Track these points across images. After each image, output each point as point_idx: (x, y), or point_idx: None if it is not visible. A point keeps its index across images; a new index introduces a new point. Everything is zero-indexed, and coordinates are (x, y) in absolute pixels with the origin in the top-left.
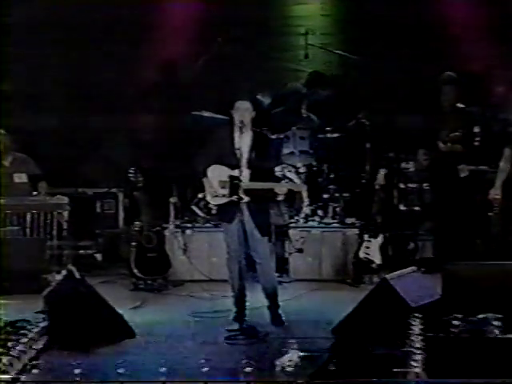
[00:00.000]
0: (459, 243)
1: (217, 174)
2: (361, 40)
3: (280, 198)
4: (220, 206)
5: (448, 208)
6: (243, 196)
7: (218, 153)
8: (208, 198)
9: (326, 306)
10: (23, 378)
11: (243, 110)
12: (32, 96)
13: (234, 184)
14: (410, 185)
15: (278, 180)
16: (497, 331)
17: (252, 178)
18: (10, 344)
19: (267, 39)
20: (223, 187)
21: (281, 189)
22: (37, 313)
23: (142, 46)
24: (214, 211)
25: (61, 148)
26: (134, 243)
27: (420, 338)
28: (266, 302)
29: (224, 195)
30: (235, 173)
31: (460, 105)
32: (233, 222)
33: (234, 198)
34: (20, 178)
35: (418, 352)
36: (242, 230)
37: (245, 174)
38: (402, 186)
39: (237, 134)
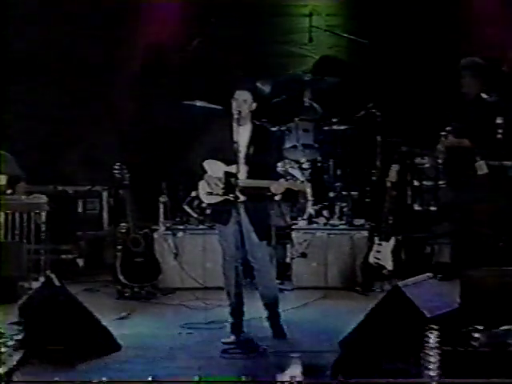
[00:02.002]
0: (479, 247)
1: (211, 170)
2: (371, 21)
3: (277, 197)
4: (214, 206)
5: (466, 208)
6: (240, 195)
7: (212, 147)
8: (201, 196)
9: (331, 316)
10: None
11: (241, 101)
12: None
13: (229, 181)
14: (426, 182)
15: (279, 177)
16: None
17: (250, 175)
18: None
19: (267, 21)
20: (218, 185)
21: (277, 188)
22: (11, 324)
23: (128, 27)
24: (208, 211)
25: (38, 141)
26: (119, 247)
27: (436, 351)
28: (265, 313)
29: (219, 193)
30: (232, 169)
31: (484, 95)
32: (228, 224)
33: (230, 196)
34: (0, 180)
35: (434, 367)
36: (238, 233)
37: (242, 170)
38: (416, 183)
39: (234, 127)
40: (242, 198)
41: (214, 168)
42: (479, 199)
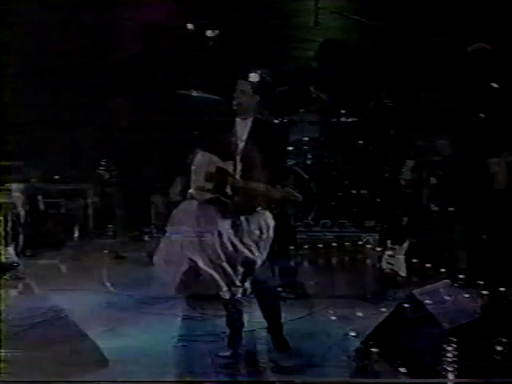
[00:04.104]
0: (501, 252)
1: (205, 162)
2: (383, 3)
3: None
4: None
5: (484, 209)
6: (236, 194)
7: (208, 141)
8: (191, 190)
9: (339, 327)
10: None
11: (239, 91)
12: None
13: (223, 179)
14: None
15: (280, 176)
16: None
17: (249, 172)
18: None
19: (269, 2)
20: (210, 180)
21: (274, 193)
22: None
23: (119, 17)
24: None
25: (17, 134)
26: (106, 251)
27: (456, 365)
28: (266, 323)
29: (209, 189)
30: (228, 165)
31: (494, 84)
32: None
33: (222, 196)
34: None
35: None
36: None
37: (239, 167)
38: (433, 181)
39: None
40: (236, 198)
41: (209, 161)
42: (495, 198)
